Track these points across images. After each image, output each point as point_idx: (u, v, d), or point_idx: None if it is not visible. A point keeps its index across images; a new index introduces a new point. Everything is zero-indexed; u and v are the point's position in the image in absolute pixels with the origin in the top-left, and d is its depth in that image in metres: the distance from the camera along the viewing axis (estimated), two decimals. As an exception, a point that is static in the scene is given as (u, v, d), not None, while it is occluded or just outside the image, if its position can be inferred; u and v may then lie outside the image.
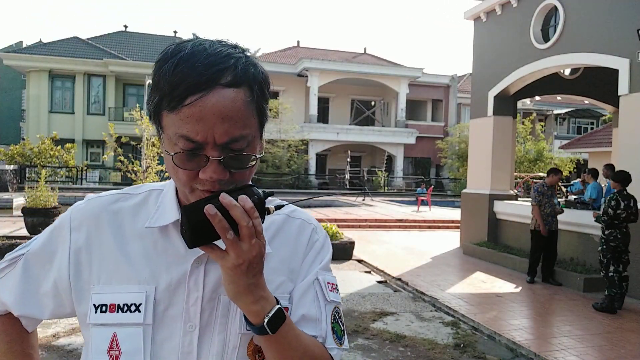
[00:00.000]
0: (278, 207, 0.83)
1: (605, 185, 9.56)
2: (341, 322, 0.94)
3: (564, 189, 17.61)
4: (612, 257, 6.02)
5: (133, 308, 0.83)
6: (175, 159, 0.76)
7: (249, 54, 0.80)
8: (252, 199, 0.74)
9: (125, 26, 31.35)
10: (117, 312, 0.83)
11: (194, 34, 0.84)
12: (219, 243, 0.74)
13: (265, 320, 0.77)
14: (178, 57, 0.75)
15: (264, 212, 0.77)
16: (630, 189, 6.13)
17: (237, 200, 0.72)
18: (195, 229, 0.72)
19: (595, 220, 6.36)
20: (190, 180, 0.78)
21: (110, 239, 0.87)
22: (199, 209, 0.72)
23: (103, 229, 0.88)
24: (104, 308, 0.83)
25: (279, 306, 0.79)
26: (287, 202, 0.90)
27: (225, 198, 0.72)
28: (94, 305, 0.84)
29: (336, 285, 0.96)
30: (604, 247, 6.10)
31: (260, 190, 0.77)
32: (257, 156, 0.81)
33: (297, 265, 0.92)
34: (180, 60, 0.74)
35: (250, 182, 0.81)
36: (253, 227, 0.72)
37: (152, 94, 0.78)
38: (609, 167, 8.50)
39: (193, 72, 0.73)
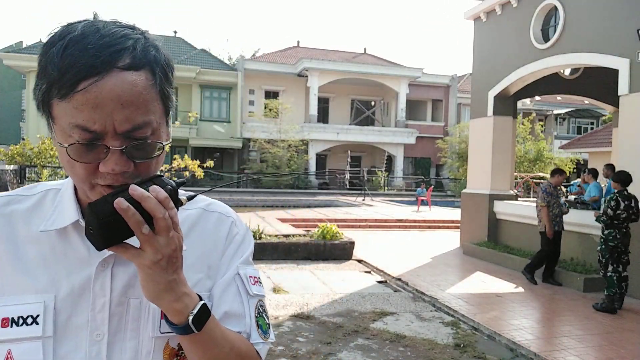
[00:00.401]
0: (190, 198, 0.79)
1: (606, 185, 9.57)
2: (266, 315, 0.90)
3: (564, 189, 17.62)
4: (611, 257, 6.02)
5: (30, 320, 0.74)
6: (70, 152, 0.69)
7: (148, 36, 0.75)
8: (164, 189, 0.69)
9: (125, 26, 31.33)
10: (11, 326, 0.74)
11: (94, 14, 0.79)
12: (131, 241, 0.68)
13: (190, 317, 0.72)
14: (67, 39, 0.68)
15: (177, 203, 0.71)
16: (631, 189, 6.13)
17: (148, 191, 0.67)
18: (105, 228, 0.66)
19: (596, 220, 6.36)
20: (90, 175, 0.71)
21: (1, 246, 0.78)
22: (107, 205, 0.65)
23: None
24: None
25: (203, 302, 0.75)
26: (196, 193, 0.85)
27: (135, 190, 0.66)
28: None
29: (259, 278, 0.91)
30: (603, 247, 6.10)
31: (171, 180, 0.73)
32: (164, 144, 0.75)
33: (216, 261, 0.86)
34: (69, 42, 0.68)
35: (158, 173, 0.76)
36: (170, 218, 0.68)
37: (38, 81, 0.70)
38: (610, 167, 8.51)
39: (85, 55, 0.67)
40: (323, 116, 31.74)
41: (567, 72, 10.52)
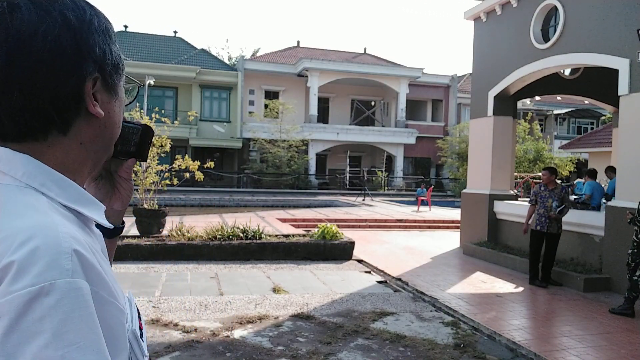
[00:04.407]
0: None
1: (606, 184, 9.61)
2: None
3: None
4: None
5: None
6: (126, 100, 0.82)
7: None
8: None
9: (125, 26, 31.30)
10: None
11: None
12: None
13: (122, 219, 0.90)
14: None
15: None
16: (631, 190, 6.11)
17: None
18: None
19: (629, 222, 5.94)
20: None
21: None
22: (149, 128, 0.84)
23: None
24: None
25: None
26: None
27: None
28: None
29: None
30: (635, 250, 5.78)
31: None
32: None
33: None
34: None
35: None
36: None
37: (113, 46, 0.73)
38: (611, 169, 8.56)
39: None
40: (323, 116, 31.74)
41: (567, 72, 10.52)
